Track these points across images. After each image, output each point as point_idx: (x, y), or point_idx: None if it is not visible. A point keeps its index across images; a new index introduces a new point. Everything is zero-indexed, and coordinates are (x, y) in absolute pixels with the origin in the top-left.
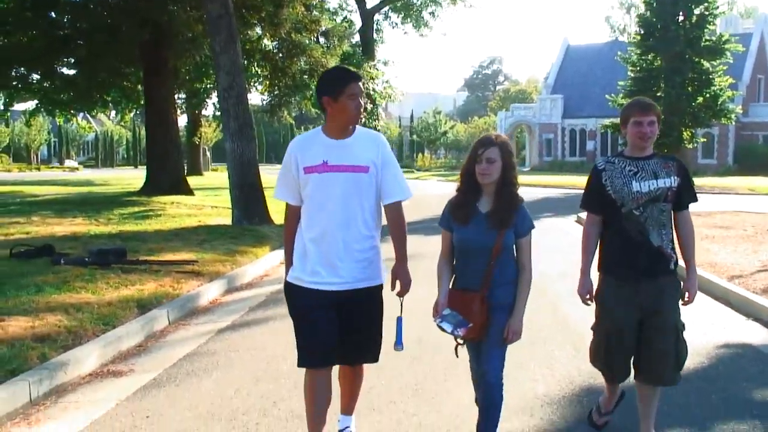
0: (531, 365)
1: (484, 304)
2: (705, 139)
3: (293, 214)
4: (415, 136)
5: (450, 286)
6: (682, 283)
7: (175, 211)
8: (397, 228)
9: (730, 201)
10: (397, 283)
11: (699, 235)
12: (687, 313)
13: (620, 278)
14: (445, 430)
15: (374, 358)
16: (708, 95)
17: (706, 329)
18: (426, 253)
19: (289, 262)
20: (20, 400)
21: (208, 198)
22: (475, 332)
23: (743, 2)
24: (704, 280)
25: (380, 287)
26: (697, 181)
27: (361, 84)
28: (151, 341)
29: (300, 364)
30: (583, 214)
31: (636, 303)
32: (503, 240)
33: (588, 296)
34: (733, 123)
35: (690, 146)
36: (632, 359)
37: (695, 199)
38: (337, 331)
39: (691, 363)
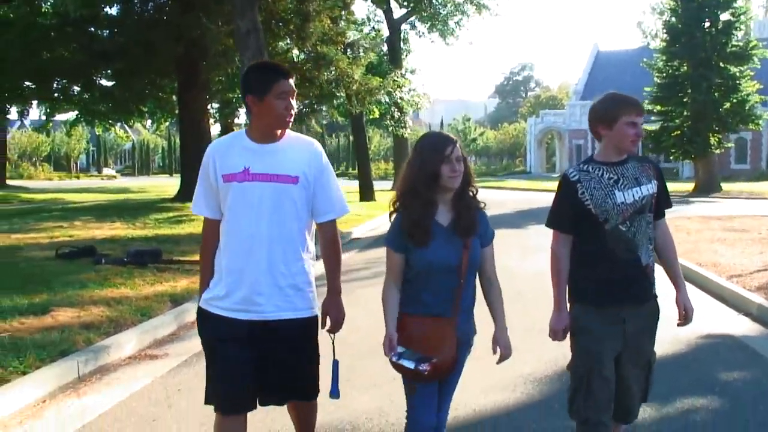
0: (521, 349)
1: (456, 334)
2: (732, 144)
3: (211, 229)
4: None
5: (401, 312)
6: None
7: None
8: (330, 251)
9: (756, 205)
10: (328, 319)
11: (712, 238)
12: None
13: (603, 305)
14: None
15: (306, 396)
16: (735, 101)
17: (694, 323)
18: None
19: (204, 285)
20: (70, 377)
21: None
22: (446, 368)
23: None
24: (703, 277)
25: (310, 321)
26: (726, 186)
27: (292, 81)
28: (182, 330)
29: (207, 401)
30: None
31: (619, 333)
32: (470, 253)
33: (563, 331)
34: (761, 128)
35: (718, 151)
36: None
37: (670, 205)
38: (253, 371)
39: (670, 350)
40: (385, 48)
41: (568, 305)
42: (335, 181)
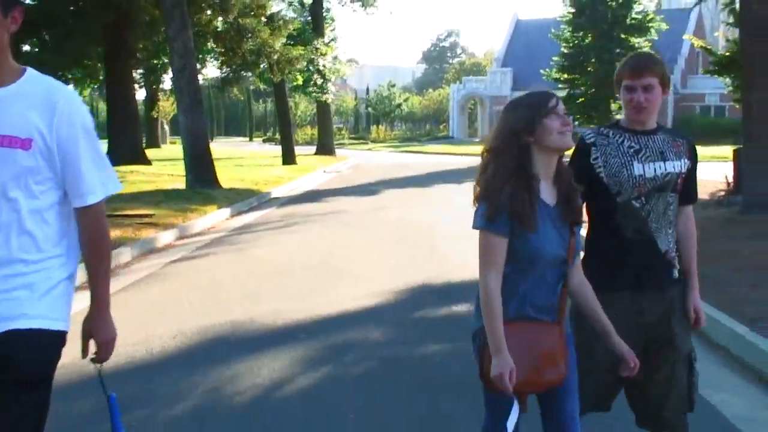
0: None
1: (565, 342)
2: None
3: None
4: (370, 109)
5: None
6: None
7: (135, 179)
8: (93, 248)
9: None
10: (92, 342)
11: None
12: None
13: (616, 289)
14: None
15: None
16: None
17: None
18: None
19: None
20: None
21: (166, 167)
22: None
23: None
24: None
25: (50, 336)
26: None
27: None
28: (118, 268)
29: None
30: None
31: (640, 324)
32: (576, 241)
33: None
34: (672, 95)
35: (618, 117)
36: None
37: (697, 194)
38: None
39: None
40: (309, 17)
41: None
42: (94, 148)
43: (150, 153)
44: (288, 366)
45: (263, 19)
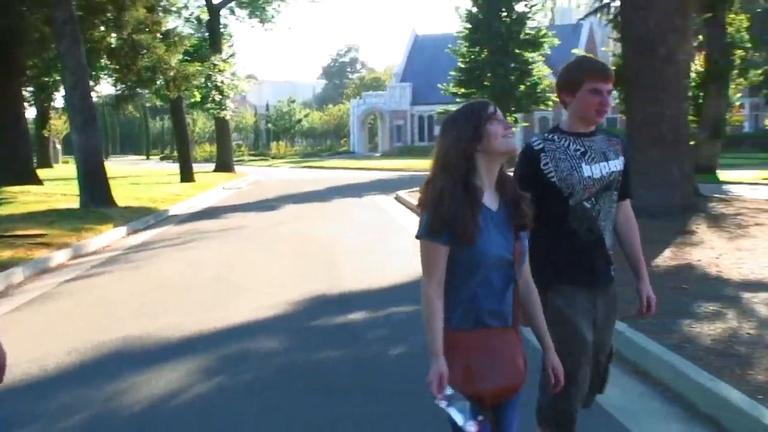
0: None
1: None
2: (528, 124)
3: None
4: (270, 125)
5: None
6: None
7: (26, 199)
8: None
9: None
10: None
11: None
12: None
13: (576, 284)
14: None
15: None
16: (529, 83)
17: None
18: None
19: None
20: None
21: (58, 187)
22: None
23: None
24: None
25: None
26: None
27: None
28: (10, 289)
29: None
30: (402, 192)
31: (591, 321)
32: (522, 245)
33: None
34: (551, 108)
35: (515, 129)
36: None
37: (631, 189)
38: None
39: None
40: (206, 33)
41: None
42: None
43: (41, 173)
44: (185, 376)
45: (159, 35)
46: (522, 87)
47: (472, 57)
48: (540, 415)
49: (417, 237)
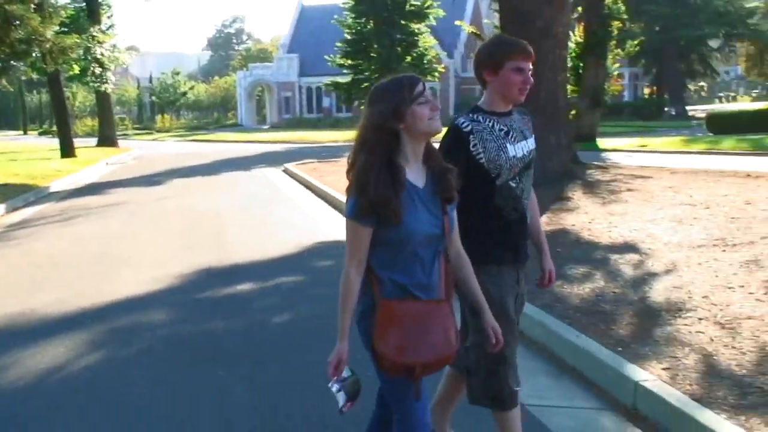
0: None
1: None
2: None
3: None
4: (154, 98)
5: (380, 296)
6: None
7: None
8: None
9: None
10: None
11: None
12: None
13: (503, 263)
14: None
15: None
16: (416, 54)
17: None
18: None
19: None
20: None
21: None
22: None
23: None
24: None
25: None
26: None
27: None
28: None
29: None
30: (291, 164)
31: (515, 293)
32: (450, 218)
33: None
34: (437, 79)
35: None
36: None
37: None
38: None
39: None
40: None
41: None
42: None
43: None
44: (72, 350)
45: (33, 5)
46: (409, 58)
47: (359, 28)
48: (472, 395)
49: (345, 217)
